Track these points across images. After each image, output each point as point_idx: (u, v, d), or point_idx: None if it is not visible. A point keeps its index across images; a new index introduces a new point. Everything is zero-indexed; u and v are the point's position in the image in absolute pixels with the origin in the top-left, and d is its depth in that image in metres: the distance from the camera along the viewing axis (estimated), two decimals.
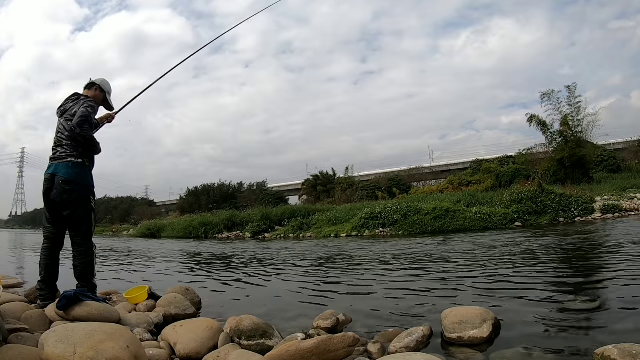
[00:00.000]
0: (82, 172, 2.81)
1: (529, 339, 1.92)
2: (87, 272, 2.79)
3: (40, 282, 2.78)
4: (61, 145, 2.83)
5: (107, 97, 3.14)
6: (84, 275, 2.78)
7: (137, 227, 24.32)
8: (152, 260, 7.64)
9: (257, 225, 15.92)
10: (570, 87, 16.96)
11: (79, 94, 3.04)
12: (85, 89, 3.09)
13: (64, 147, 2.82)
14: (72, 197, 2.76)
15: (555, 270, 3.87)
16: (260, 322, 2.11)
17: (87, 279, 2.79)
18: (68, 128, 2.81)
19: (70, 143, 2.81)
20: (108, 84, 3.16)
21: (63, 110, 2.96)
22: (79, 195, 2.79)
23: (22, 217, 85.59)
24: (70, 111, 2.89)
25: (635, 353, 1.44)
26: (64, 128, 2.85)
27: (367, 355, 1.85)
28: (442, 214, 11.17)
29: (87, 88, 3.09)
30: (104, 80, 3.14)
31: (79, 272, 2.78)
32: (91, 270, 2.83)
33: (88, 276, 2.80)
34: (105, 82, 3.14)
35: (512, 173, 18.39)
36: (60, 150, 2.82)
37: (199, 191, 34.93)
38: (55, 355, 1.43)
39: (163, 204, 50.79)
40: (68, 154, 2.79)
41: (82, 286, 2.70)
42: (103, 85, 3.11)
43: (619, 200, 11.40)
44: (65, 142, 2.82)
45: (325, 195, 26.17)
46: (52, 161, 2.83)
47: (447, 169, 32.55)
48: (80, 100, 2.92)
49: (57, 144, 2.86)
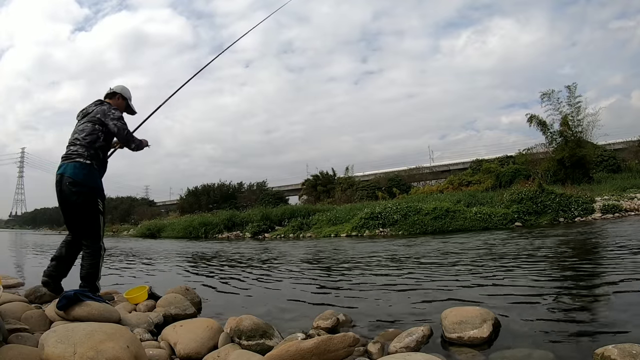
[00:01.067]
0: (89, 173, 2.80)
1: (529, 339, 1.92)
2: (91, 274, 2.80)
3: (46, 276, 2.83)
4: (74, 144, 2.84)
5: (129, 103, 3.17)
6: (88, 276, 2.79)
7: (137, 227, 24.33)
8: (152, 260, 7.64)
9: (257, 225, 15.92)
10: (570, 87, 16.98)
11: (102, 100, 3.05)
12: (107, 98, 3.09)
13: (76, 146, 2.82)
14: (80, 199, 2.76)
15: (555, 270, 3.87)
16: (260, 322, 2.11)
17: (91, 281, 2.79)
18: (88, 130, 2.83)
19: (83, 144, 2.81)
20: (128, 90, 3.19)
21: (85, 112, 2.97)
22: (86, 197, 2.78)
23: (22, 217, 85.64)
24: (93, 114, 2.90)
25: (635, 353, 1.44)
26: (82, 130, 2.86)
27: (367, 355, 1.85)
28: (442, 214, 11.17)
29: (108, 97, 3.09)
30: (124, 88, 3.16)
31: (84, 272, 2.79)
32: (96, 272, 2.83)
33: (92, 278, 2.80)
34: (125, 89, 3.17)
35: (512, 173, 18.40)
36: (72, 148, 2.83)
37: (199, 191, 34.94)
38: (55, 355, 1.43)
39: (163, 204, 50.84)
40: (79, 153, 2.79)
41: (84, 286, 2.71)
42: (124, 92, 3.14)
43: (619, 200, 11.40)
44: (80, 142, 2.82)
45: (325, 195, 26.18)
46: (63, 160, 2.84)
47: (447, 169, 32.54)
48: (104, 105, 2.94)
49: (71, 144, 2.87)
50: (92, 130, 2.84)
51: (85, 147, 2.80)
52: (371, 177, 30.87)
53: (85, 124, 2.88)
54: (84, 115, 2.95)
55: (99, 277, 2.87)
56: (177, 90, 3.81)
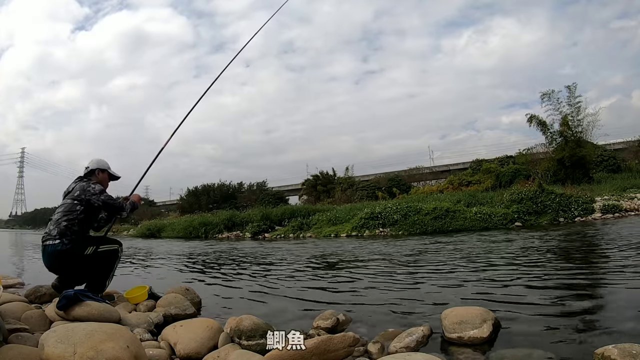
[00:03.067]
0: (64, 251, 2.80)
1: (528, 339, 1.92)
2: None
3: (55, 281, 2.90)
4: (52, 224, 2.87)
5: (109, 172, 3.16)
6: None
7: (137, 227, 24.28)
8: (152, 260, 7.64)
9: (257, 225, 15.91)
10: (570, 87, 17.00)
11: (82, 177, 3.05)
12: (87, 177, 3.06)
13: (53, 226, 2.85)
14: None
15: (555, 270, 3.87)
16: (260, 322, 2.11)
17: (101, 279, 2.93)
18: (66, 208, 2.85)
19: (59, 224, 2.83)
20: (103, 161, 3.16)
21: (67, 191, 2.99)
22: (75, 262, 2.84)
23: (22, 217, 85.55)
24: (73, 192, 2.92)
25: (635, 353, 1.44)
26: (62, 207, 2.90)
27: (367, 355, 1.85)
28: (442, 214, 11.17)
29: (88, 176, 3.06)
30: (100, 161, 3.13)
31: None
32: (108, 273, 2.97)
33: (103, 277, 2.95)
34: (100, 161, 3.13)
35: (512, 173, 18.41)
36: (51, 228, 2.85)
37: (199, 191, 34.92)
38: (55, 355, 1.43)
39: (163, 204, 50.76)
40: (52, 235, 2.81)
41: (91, 282, 2.84)
42: (100, 165, 3.11)
43: (619, 200, 11.40)
44: (55, 223, 2.85)
45: (325, 195, 26.17)
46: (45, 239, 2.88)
47: (447, 169, 32.54)
48: (83, 182, 2.97)
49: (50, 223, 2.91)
50: (71, 206, 2.85)
51: (58, 228, 2.80)
52: (371, 177, 30.88)
53: (65, 198, 2.93)
54: (66, 194, 2.97)
55: (110, 277, 2.99)
56: (194, 107, 4.06)
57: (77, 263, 2.82)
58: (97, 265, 2.87)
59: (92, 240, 2.91)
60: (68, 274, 2.86)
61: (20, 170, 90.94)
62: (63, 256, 2.76)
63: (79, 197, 2.87)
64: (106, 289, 2.99)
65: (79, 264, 2.83)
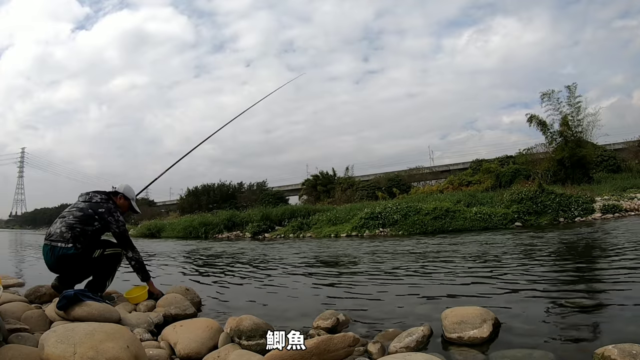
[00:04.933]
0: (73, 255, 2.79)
1: (529, 339, 1.92)
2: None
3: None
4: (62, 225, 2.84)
5: (131, 203, 3.16)
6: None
7: (137, 227, 24.26)
8: (152, 260, 7.63)
9: (257, 225, 15.91)
10: (570, 87, 17.01)
11: (109, 197, 3.02)
12: (110, 196, 3.05)
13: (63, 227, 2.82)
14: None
15: (555, 270, 3.87)
16: (260, 322, 2.11)
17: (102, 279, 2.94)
18: (83, 216, 2.84)
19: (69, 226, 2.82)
20: (131, 190, 3.18)
21: (89, 198, 2.97)
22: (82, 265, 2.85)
23: (22, 217, 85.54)
24: (96, 204, 2.91)
25: (635, 353, 1.44)
26: (77, 210, 2.88)
27: (367, 355, 1.85)
28: (442, 214, 11.17)
29: (112, 194, 3.06)
30: (127, 188, 3.15)
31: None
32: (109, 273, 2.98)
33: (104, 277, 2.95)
34: (128, 189, 3.15)
35: (512, 173, 18.42)
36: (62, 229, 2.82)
37: (199, 191, 34.91)
38: (55, 355, 1.43)
39: (163, 204, 50.69)
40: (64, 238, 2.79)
41: (92, 282, 2.86)
42: (127, 193, 3.13)
43: (619, 200, 11.40)
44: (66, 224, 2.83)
45: (325, 195, 26.17)
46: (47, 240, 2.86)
47: (447, 169, 32.56)
48: (109, 203, 2.95)
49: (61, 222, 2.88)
50: (89, 219, 2.83)
51: (72, 232, 2.78)
52: (371, 177, 30.88)
53: (84, 203, 2.92)
54: (86, 200, 2.95)
55: (111, 278, 3.01)
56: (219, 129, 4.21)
57: (84, 265, 2.83)
58: (101, 266, 2.88)
59: (100, 244, 2.91)
60: (70, 275, 2.86)
61: (20, 170, 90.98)
62: (72, 260, 2.76)
63: (102, 216, 2.87)
64: (106, 289, 2.99)
65: (85, 266, 2.84)
